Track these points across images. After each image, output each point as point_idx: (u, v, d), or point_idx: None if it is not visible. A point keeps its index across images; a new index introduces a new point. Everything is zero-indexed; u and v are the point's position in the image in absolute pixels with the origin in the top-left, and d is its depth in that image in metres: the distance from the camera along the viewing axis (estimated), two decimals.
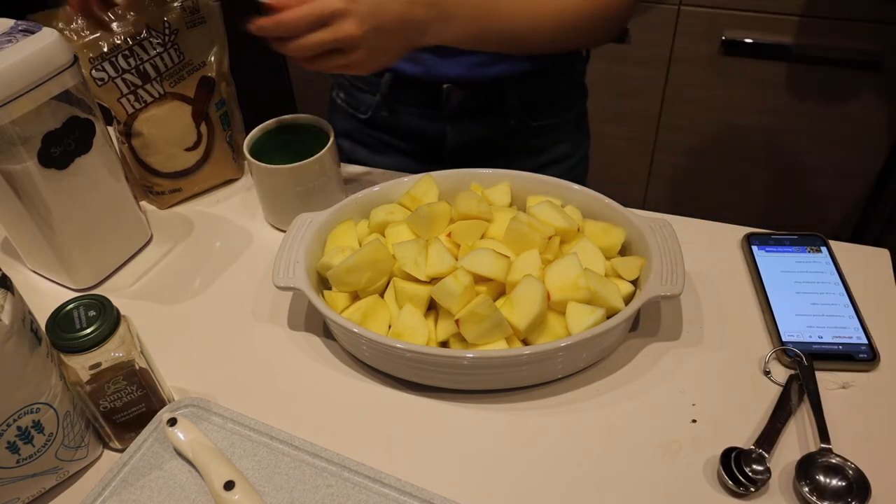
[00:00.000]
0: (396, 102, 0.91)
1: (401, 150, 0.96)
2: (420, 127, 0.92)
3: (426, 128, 0.92)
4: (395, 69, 0.88)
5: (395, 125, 0.94)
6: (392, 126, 0.94)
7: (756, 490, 0.52)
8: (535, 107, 0.91)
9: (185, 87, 0.79)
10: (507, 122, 0.90)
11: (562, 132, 0.96)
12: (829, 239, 0.72)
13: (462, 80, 0.86)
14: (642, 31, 1.49)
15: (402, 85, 0.89)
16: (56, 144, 0.64)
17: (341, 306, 0.64)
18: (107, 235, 0.73)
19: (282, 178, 0.74)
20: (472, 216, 0.67)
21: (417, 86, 0.88)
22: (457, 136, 0.92)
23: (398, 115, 0.93)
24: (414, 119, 0.92)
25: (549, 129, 0.94)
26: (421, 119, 0.91)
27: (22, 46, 0.60)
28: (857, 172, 1.55)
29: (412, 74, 0.87)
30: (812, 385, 0.58)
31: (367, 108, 0.94)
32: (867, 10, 1.33)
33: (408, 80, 0.88)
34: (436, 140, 0.93)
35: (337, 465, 0.54)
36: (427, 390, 0.61)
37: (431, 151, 0.94)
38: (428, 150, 0.94)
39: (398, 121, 0.93)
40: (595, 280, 0.60)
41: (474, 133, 0.91)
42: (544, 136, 0.94)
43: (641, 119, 1.63)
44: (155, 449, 0.56)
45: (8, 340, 0.47)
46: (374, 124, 0.95)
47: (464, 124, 0.91)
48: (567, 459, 0.56)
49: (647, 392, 0.61)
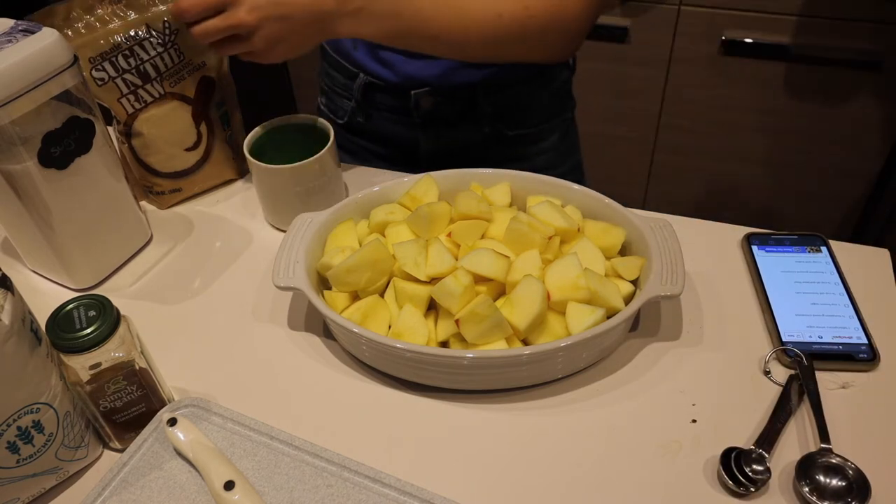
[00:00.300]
0: (371, 108, 0.91)
1: (380, 155, 0.96)
2: (394, 133, 0.92)
3: (400, 133, 0.92)
4: (367, 73, 0.88)
5: (372, 131, 0.94)
6: (369, 132, 0.94)
7: (756, 490, 0.52)
8: (511, 116, 0.89)
9: (185, 87, 0.79)
10: (481, 130, 0.89)
11: (543, 143, 0.94)
12: (829, 239, 0.72)
13: (432, 85, 0.85)
14: (642, 31, 1.49)
15: (375, 90, 0.89)
16: (56, 144, 0.64)
17: (341, 306, 0.64)
18: (107, 235, 0.73)
19: (282, 178, 0.74)
20: (472, 216, 0.67)
21: (390, 91, 0.88)
22: (430, 143, 0.91)
23: (373, 121, 0.93)
24: (388, 125, 0.92)
25: (527, 139, 0.92)
26: (395, 125, 0.91)
27: (22, 46, 0.60)
28: (857, 172, 1.55)
29: (384, 78, 0.87)
30: (812, 385, 0.58)
31: (344, 114, 0.95)
32: (867, 10, 1.33)
33: (380, 85, 0.88)
34: (410, 146, 0.92)
35: (337, 465, 0.54)
36: (427, 390, 0.61)
37: (407, 158, 0.93)
38: (405, 156, 0.94)
39: (374, 126, 0.93)
40: (595, 280, 0.60)
41: (447, 140, 0.90)
42: (523, 147, 0.92)
43: (641, 119, 1.63)
44: (155, 449, 0.56)
45: (8, 340, 0.47)
46: (353, 130, 0.95)
47: (436, 131, 0.90)
48: (567, 459, 0.56)
49: (647, 392, 0.61)
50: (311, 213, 0.70)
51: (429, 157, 0.92)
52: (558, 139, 0.95)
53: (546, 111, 0.92)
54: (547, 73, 0.89)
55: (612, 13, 1.49)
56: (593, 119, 1.63)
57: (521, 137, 0.91)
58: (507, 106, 0.88)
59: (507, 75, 0.85)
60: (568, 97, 0.96)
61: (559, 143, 0.95)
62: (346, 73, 0.91)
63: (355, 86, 0.90)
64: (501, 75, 0.85)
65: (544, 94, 0.90)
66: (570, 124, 0.98)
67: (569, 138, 0.98)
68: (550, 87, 0.91)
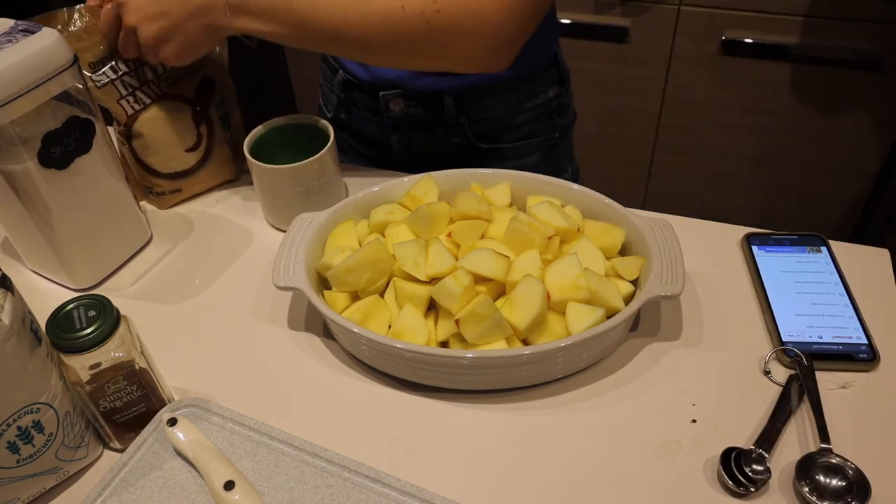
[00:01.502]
0: (351, 105, 0.92)
1: (362, 153, 0.96)
2: (370, 132, 0.92)
3: (375, 133, 0.92)
4: (345, 70, 0.88)
5: (353, 128, 0.94)
6: (352, 129, 0.95)
7: (756, 490, 0.52)
8: (484, 128, 0.86)
9: (185, 88, 0.79)
10: (451, 139, 0.87)
11: (522, 160, 0.90)
12: (829, 239, 0.72)
13: (400, 87, 0.84)
14: (642, 31, 1.49)
15: (353, 87, 0.89)
16: (56, 144, 0.64)
17: (341, 306, 0.64)
18: (107, 235, 0.73)
19: (282, 178, 0.74)
20: (472, 216, 0.67)
21: (365, 89, 0.87)
22: (401, 146, 0.90)
23: (353, 118, 0.93)
24: (366, 123, 0.92)
25: (504, 154, 0.89)
26: (371, 124, 0.91)
27: (22, 46, 0.60)
28: (857, 172, 1.55)
29: (358, 76, 0.87)
30: (812, 385, 0.58)
31: (331, 108, 0.96)
32: (867, 10, 1.33)
33: (356, 83, 0.88)
34: (385, 147, 0.92)
35: (337, 465, 0.54)
36: (427, 390, 0.61)
37: (384, 158, 0.93)
38: (381, 156, 0.94)
39: (355, 124, 0.93)
40: (595, 280, 0.60)
41: (419, 145, 0.89)
42: (498, 161, 0.88)
43: (641, 119, 1.63)
44: (155, 449, 0.56)
45: (8, 340, 0.47)
46: (339, 125, 0.96)
47: (408, 134, 0.89)
48: (567, 459, 0.56)
49: (647, 392, 0.61)
50: (311, 213, 0.70)
51: (401, 160, 0.91)
52: (538, 159, 0.91)
53: (524, 129, 0.88)
54: (526, 88, 0.86)
55: (612, 13, 1.49)
56: (593, 119, 1.63)
57: (494, 151, 0.88)
58: (480, 119, 0.86)
59: (479, 84, 0.83)
60: (556, 116, 0.90)
61: (539, 163, 0.91)
62: (330, 67, 0.92)
63: (336, 81, 0.91)
64: (471, 83, 0.82)
65: (523, 109, 0.87)
66: (556, 144, 0.92)
67: (551, 159, 0.93)
68: (530, 102, 0.87)
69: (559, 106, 0.91)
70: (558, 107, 0.91)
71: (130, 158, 0.81)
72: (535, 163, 0.91)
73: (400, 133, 0.89)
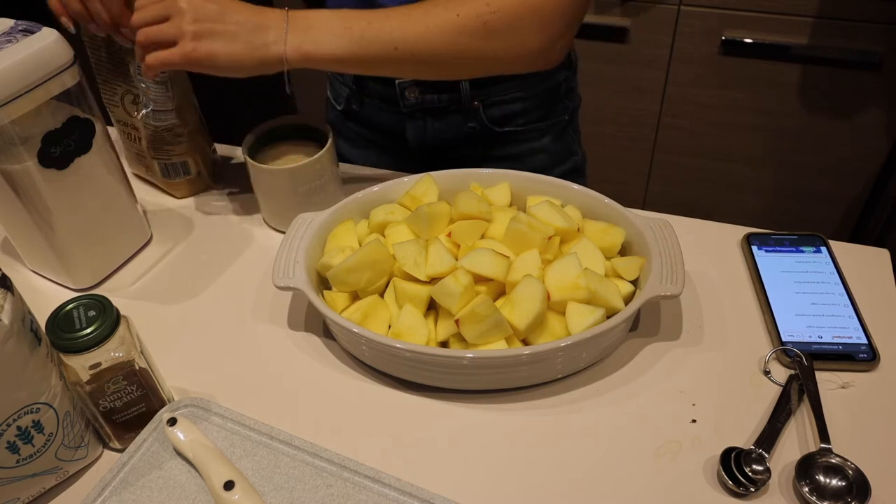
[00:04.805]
0: (364, 95, 0.92)
1: (375, 143, 0.96)
2: (384, 121, 0.92)
3: (390, 122, 0.92)
4: None
5: (366, 118, 0.94)
6: (364, 119, 0.95)
7: (756, 490, 0.52)
8: (498, 113, 0.88)
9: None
10: (467, 124, 0.88)
11: (534, 143, 0.92)
12: (829, 239, 0.72)
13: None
14: (642, 31, 1.49)
15: (367, 78, 0.89)
16: (56, 144, 0.64)
17: (341, 306, 0.64)
18: (107, 235, 0.73)
19: (282, 178, 0.74)
20: (472, 216, 0.67)
21: (380, 79, 0.87)
22: (417, 135, 0.91)
23: (366, 109, 0.93)
24: (379, 113, 0.92)
25: (517, 137, 0.90)
26: (385, 113, 0.91)
27: (22, 46, 0.60)
28: (857, 172, 1.55)
29: None
30: (812, 385, 0.58)
31: (342, 100, 0.95)
32: (867, 10, 1.33)
33: None
34: (400, 136, 0.92)
35: (337, 465, 0.54)
36: (427, 390, 0.61)
37: (398, 147, 0.93)
38: (395, 145, 0.94)
39: (367, 114, 0.93)
40: (595, 280, 0.60)
41: (435, 132, 0.90)
42: (514, 146, 0.91)
43: (641, 119, 1.63)
44: (155, 449, 0.56)
45: (8, 340, 0.47)
46: (349, 116, 0.96)
47: (424, 122, 0.89)
48: (567, 459, 0.56)
49: (647, 392, 0.61)
50: (311, 213, 0.70)
51: (417, 148, 0.92)
52: (550, 141, 0.93)
53: (536, 111, 0.90)
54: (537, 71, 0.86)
55: (612, 13, 1.49)
56: (593, 119, 1.63)
57: (509, 135, 0.90)
58: (494, 103, 0.87)
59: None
60: (566, 98, 0.93)
61: (551, 145, 0.93)
62: None
63: (348, 73, 0.90)
64: None
65: (535, 92, 0.89)
66: (567, 126, 0.95)
67: (563, 141, 0.95)
68: (542, 85, 0.89)
69: (567, 89, 0.93)
70: (567, 90, 0.93)
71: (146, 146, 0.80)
72: (546, 145, 0.93)
73: (415, 120, 0.90)
